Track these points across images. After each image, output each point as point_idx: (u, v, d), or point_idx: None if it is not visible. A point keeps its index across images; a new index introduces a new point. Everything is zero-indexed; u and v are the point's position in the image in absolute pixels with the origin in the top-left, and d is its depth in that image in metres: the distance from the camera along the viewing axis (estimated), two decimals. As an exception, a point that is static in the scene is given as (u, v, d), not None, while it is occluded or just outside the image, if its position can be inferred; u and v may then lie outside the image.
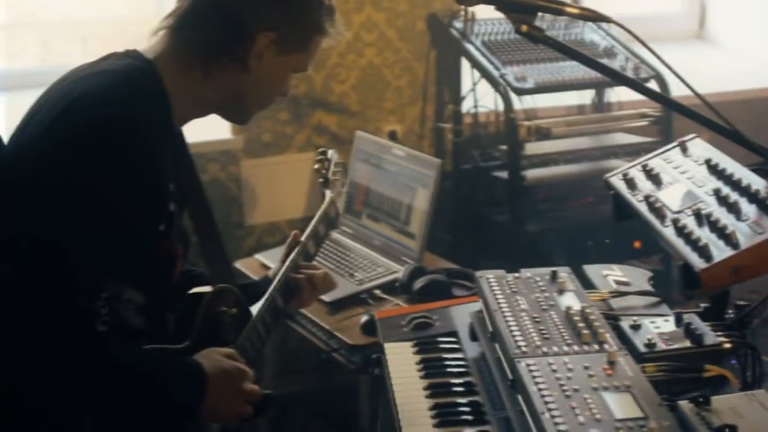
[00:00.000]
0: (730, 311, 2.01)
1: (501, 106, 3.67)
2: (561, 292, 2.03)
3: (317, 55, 2.02)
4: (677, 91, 3.13)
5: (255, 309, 2.11)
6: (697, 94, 1.83)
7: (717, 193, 1.88)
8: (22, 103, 1.89)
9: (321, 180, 2.46)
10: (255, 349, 2.07)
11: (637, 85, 1.92)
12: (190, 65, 1.88)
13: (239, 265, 3.47)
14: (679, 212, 1.91)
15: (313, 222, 2.33)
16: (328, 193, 2.43)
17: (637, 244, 3.72)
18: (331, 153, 2.51)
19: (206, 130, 2.94)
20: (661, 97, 2.24)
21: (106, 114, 1.73)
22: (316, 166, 2.46)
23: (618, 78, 2.02)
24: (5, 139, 1.82)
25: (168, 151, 1.87)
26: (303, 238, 2.28)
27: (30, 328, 1.67)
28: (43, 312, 1.67)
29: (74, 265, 1.69)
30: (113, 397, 1.76)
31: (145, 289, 1.87)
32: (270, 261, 3.26)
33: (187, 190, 2.00)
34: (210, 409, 1.85)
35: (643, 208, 2.01)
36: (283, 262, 2.27)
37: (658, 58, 1.86)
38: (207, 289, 1.99)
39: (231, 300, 2.01)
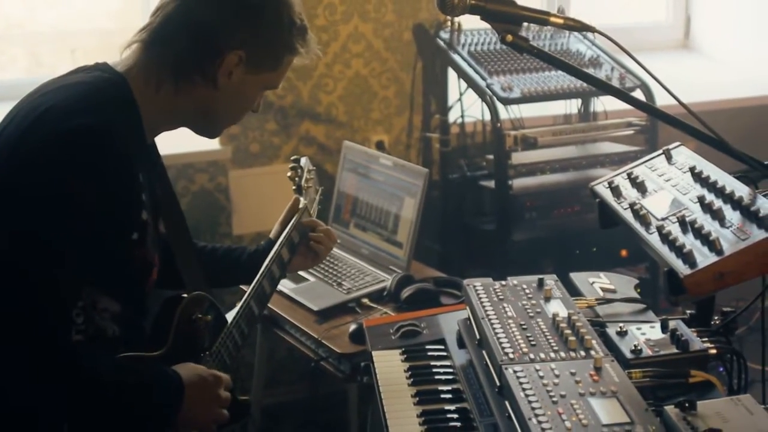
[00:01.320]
0: (716, 318, 2.02)
1: (488, 116, 3.68)
2: (547, 299, 2.04)
3: (305, 66, 2.02)
4: (662, 100, 3.17)
5: (230, 316, 2.13)
6: (681, 104, 1.84)
7: (701, 200, 1.90)
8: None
9: (294, 188, 2.47)
10: (230, 356, 2.10)
11: (622, 95, 1.93)
12: (161, 80, 1.89)
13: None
14: (663, 219, 1.92)
15: (287, 230, 2.34)
16: (302, 200, 2.44)
17: (624, 253, 3.74)
18: (303, 160, 2.52)
19: (194, 141, 2.93)
20: (647, 107, 2.25)
21: (76, 123, 1.74)
22: (289, 174, 2.48)
23: (604, 87, 2.03)
24: None
25: (139, 160, 1.87)
26: (276, 246, 2.30)
27: (5, 339, 1.67)
28: (19, 322, 1.67)
29: (50, 273, 1.69)
30: (90, 406, 1.77)
31: (120, 298, 1.88)
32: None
33: (160, 200, 2.01)
34: (187, 416, 1.87)
35: (628, 215, 2.02)
36: (282, 224, 2.36)
37: (643, 67, 1.88)
38: (182, 295, 2.01)
39: (206, 307, 2.03)
